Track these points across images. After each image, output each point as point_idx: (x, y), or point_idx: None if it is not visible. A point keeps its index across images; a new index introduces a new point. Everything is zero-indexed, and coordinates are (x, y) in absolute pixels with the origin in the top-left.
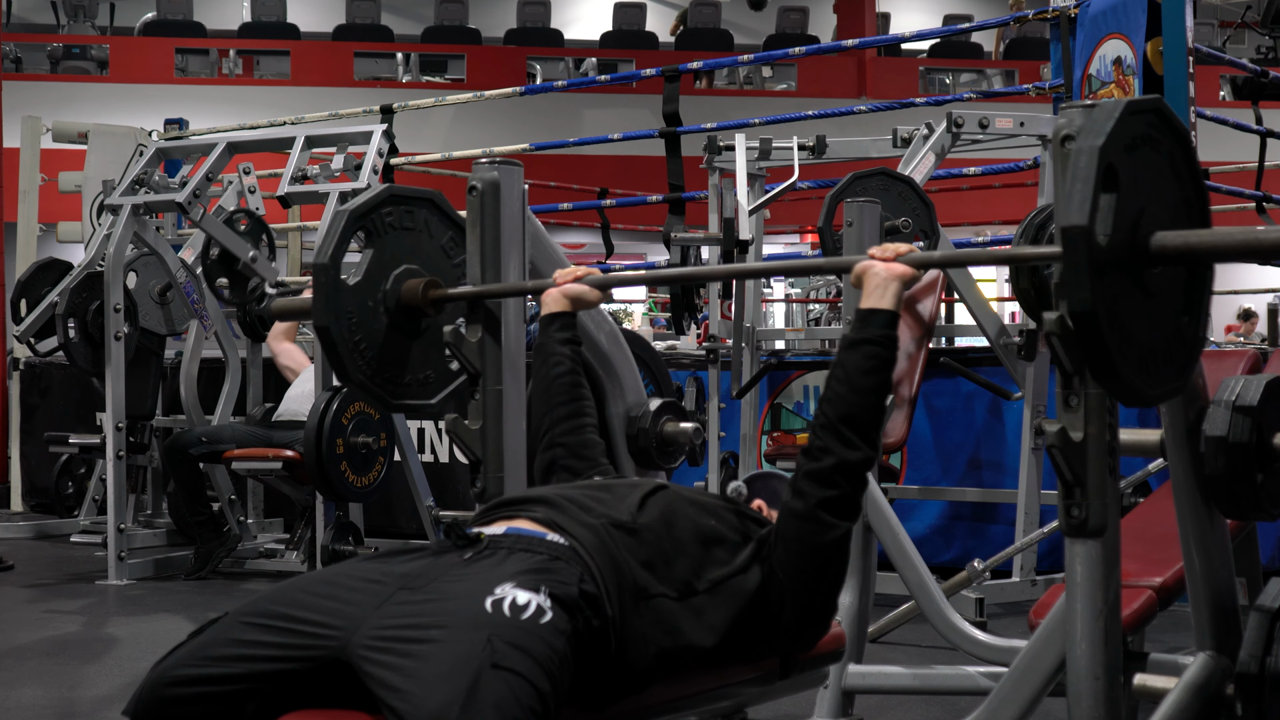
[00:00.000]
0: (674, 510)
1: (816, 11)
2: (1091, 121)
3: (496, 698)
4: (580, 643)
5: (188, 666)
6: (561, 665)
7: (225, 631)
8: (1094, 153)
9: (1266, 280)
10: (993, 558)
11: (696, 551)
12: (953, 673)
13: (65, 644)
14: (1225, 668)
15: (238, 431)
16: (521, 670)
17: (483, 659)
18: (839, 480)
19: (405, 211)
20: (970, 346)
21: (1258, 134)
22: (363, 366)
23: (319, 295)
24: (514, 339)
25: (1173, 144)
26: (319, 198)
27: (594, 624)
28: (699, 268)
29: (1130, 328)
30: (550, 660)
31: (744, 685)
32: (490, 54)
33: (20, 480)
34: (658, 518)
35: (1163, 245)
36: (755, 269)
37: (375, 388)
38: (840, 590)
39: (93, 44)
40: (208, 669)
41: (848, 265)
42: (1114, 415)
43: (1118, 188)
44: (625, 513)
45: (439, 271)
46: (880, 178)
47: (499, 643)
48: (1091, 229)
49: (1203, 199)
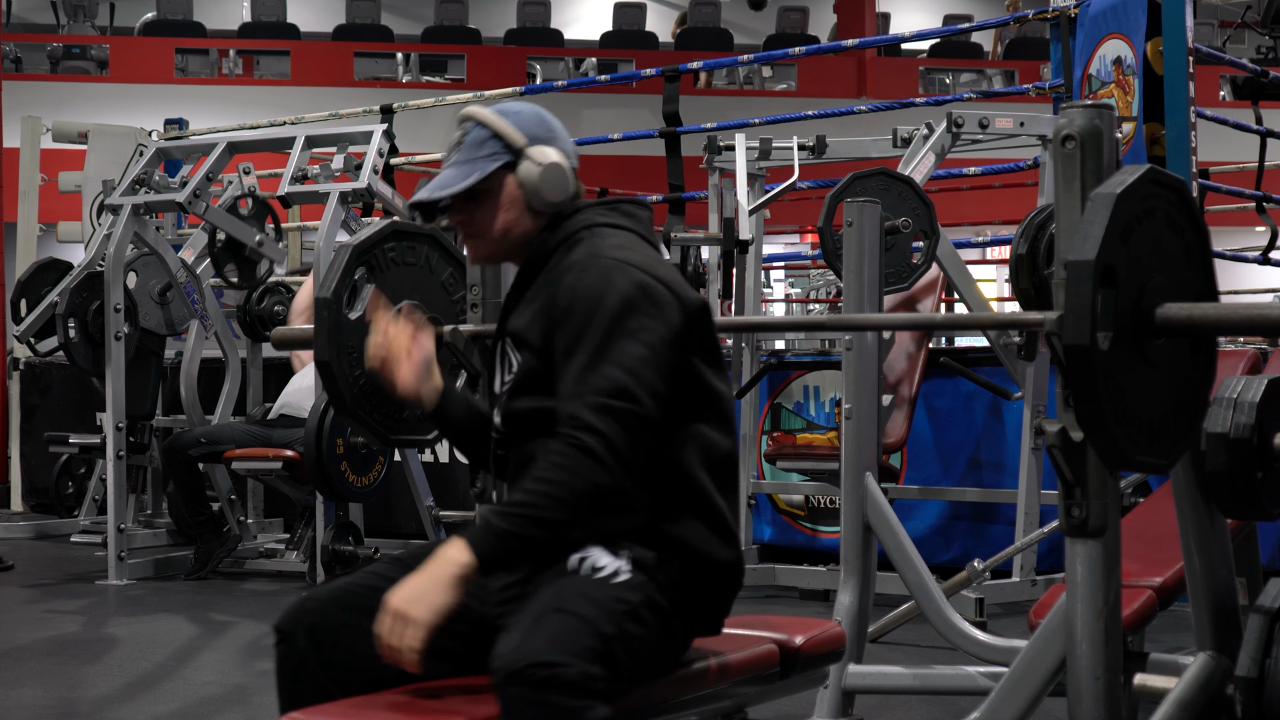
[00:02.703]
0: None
1: (816, 11)
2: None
3: (553, 633)
4: (659, 603)
5: (350, 596)
6: (632, 617)
7: (391, 570)
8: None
9: (1267, 280)
10: (993, 558)
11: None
12: (953, 673)
13: (65, 644)
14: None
15: (237, 431)
16: (583, 613)
17: (549, 605)
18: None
19: (407, 247)
20: (970, 346)
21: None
22: (362, 401)
23: (321, 329)
24: None
25: (1171, 204)
26: (319, 198)
27: (669, 590)
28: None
29: (1132, 403)
30: (617, 610)
31: (744, 685)
32: (490, 54)
33: (20, 480)
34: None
35: (1167, 318)
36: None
37: (374, 422)
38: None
39: (93, 44)
40: (373, 600)
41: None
42: None
43: (1116, 282)
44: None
45: (439, 307)
46: (880, 178)
47: (567, 592)
48: (1093, 344)
49: (1207, 259)
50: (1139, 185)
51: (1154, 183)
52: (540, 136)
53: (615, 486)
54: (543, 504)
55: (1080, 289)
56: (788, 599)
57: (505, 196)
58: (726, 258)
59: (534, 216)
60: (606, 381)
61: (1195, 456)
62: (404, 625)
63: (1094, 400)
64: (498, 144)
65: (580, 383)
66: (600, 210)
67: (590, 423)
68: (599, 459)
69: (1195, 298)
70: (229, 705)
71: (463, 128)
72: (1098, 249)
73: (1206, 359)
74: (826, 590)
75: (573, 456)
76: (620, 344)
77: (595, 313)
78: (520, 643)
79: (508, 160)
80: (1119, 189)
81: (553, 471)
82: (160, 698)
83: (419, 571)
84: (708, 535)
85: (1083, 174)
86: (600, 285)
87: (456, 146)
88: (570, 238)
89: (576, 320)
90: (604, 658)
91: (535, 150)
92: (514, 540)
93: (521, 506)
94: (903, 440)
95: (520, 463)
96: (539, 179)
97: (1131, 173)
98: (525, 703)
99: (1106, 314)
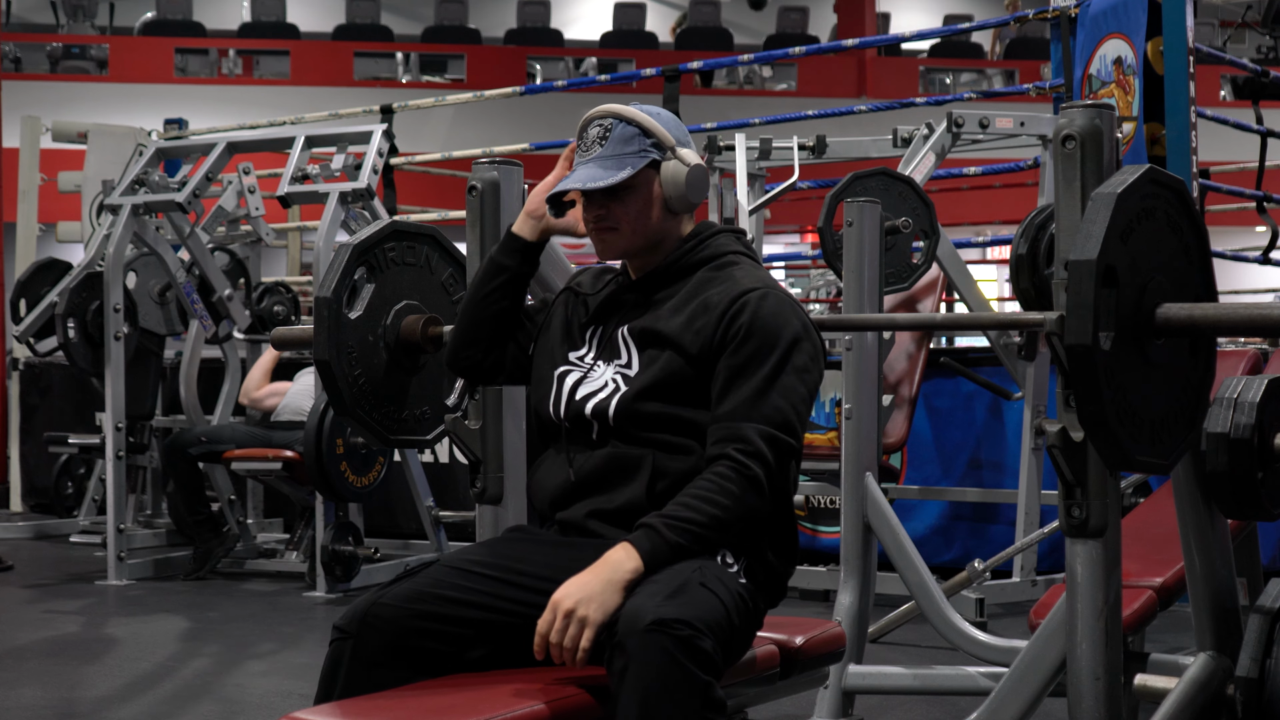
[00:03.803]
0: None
1: (816, 11)
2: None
3: (696, 602)
4: (755, 607)
5: (420, 602)
6: (745, 613)
7: (453, 576)
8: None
9: (1267, 280)
10: (993, 558)
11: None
12: (953, 673)
13: (65, 644)
14: (1226, 668)
15: (237, 431)
16: (721, 596)
17: (692, 578)
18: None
19: (407, 247)
20: (970, 346)
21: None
22: (361, 401)
23: (320, 329)
24: None
25: (1171, 204)
26: (319, 198)
27: (758, 596)
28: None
29: (1134, 403)
30: (741, 603)
31: (744, 685)
32: (490, 54)
33: (20, 480)
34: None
35: (1168, 318)
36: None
37: (373, 422)
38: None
39: (92, 44)
40: (443, 608)
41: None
42: None
43: (1117, 282)
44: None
45: (438, 308)
46: (880, 178)
47: (709, 573)
48: (1095, 344)
49: (1205, 257)
50: (1139, 185)
51: (1154, 183)
52: (682, 140)
53: (767, 513)
54: (710, 524)
55: (1082, 289)
56: (788, 599)
57: (650, 193)
58: None
59: (670, 217)
60: (777, 413)
61: (1195, 456)
62: (575, 625)
63: (1096, 400)
64: (647, 141)
65: (751, 406)
66: (735, 239)
67: (761, 451)
68: (762, 491)
69: (1195, 298)
70: (229, 705)
71: (601, 124)
72: (1099, 249)
73: (1206, 359)
74: (826, 590)
75: (742, 484)
76: (790, 379)
77: (775, 342)
78: (664, 602)
79: (656, 158)
80: (1119, 189)
81: (724, 496)
82: (160, 698)
83: (588, 573)
84: (786, 551)
85: (1083, 174)
86: (779, 316)
87: (600, 141)
88: (719, 258)
89: (755, 343)
90: (728, 642)
91: (683, 151)
92: (681, 551)
93: (692, 524)
94: (903, 440)
95: (620, 463)
96: (686, 180)
97: (1131, 173)
98: (664, 655)
99: (1108, 314)
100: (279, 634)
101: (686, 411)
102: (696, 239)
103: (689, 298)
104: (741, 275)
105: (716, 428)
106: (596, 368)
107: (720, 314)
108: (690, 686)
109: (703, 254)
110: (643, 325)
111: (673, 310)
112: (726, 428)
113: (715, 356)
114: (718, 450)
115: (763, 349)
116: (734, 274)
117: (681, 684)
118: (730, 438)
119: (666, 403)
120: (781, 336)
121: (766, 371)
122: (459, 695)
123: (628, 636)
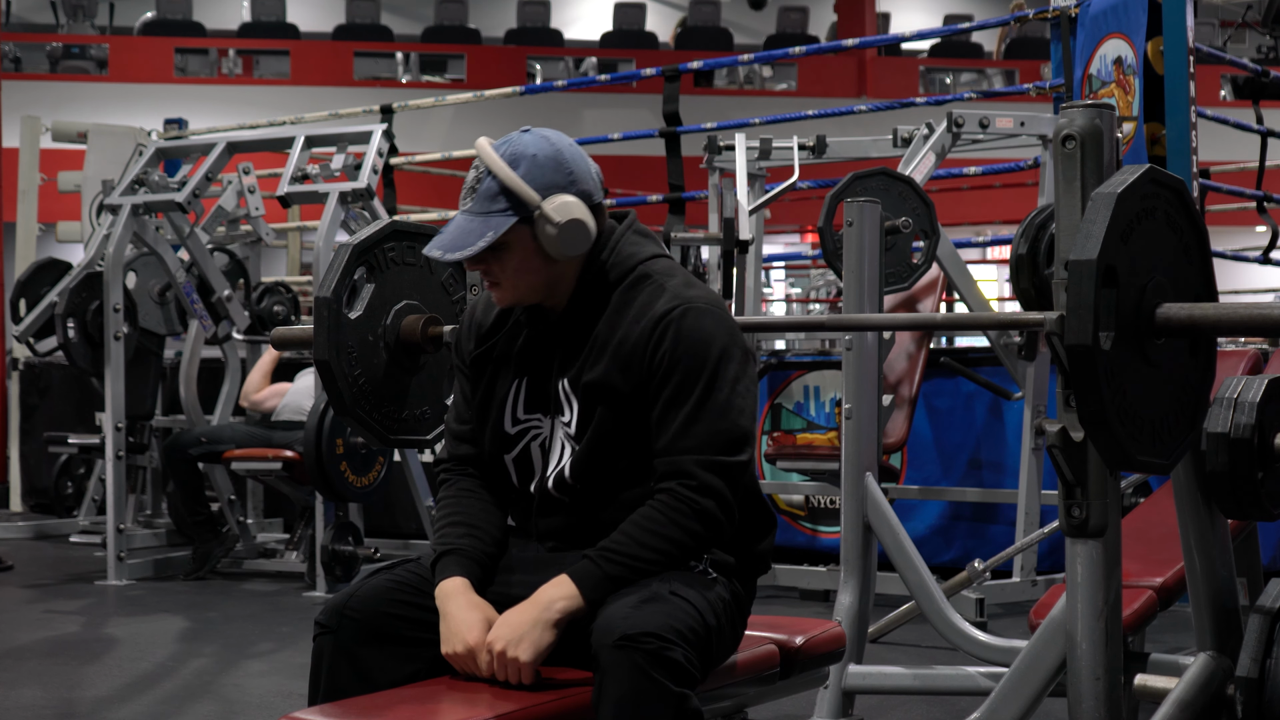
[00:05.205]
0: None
1: (816, 11)
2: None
3: (666, 612)
4: (735, 605)
5: (398, 592)
6: (725, 614)
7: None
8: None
9: (1267, 280)
10: (993, 558)
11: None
12: (953, 673)
13: (65, 644)
14: (1226, 668)
15: (237, 431)
16: (693, 601)
17: (660, 587)
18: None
19: (407, 247)
20: (970, 346)
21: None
22: (361, 401)
23: (320, 328)
24: None
25: (1171, 204)
26: (319, 198)
27: (739, 594)
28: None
29: (1134, 403)
30: (718, 604)
31: (744, 685)
32: (490, 54)
33: (20, 480)
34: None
35: (1168, 318)
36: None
37: (373, 422)
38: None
39: (92, 44)
40: (420, 599)
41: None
42: None
43: (1117, 282)
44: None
45: (438, 308)
46: (880, 178)
47: (676, 580)
48: (1095, 344)
49: (1205, 256)
50: (1139, 185)
51: (1154, 183)
52: (556, 184)
53: (724, 535)
54: (654, 558)
55: (1082, 289)
56: (788, 599)
57: (527, 249)
58: (726, 258)
59: (557, 264)
60: (716, 436)
61: (1196, 456)
62: (511, 666)
63: (1096, 400)
64: (509, 201)
65: (687, 436)
66: (632, 238)
67: (708, 483)
68: (715, 524)
69: (1195, 298)
70: (228, 705)
71: (477, 170)
72: (1099, 249)
73: (1206, 359)
74: (826, 590)
75: (689, 518)
76: (723, 394)
77: (702, 364)
78: (632, 613)
79: (522, 216)
80: (1119, 189)
81: (669, 529)
82: (160, 698)
83: (520, 610)
84: (757, 526)
85: (1083, 174)
86: (699, 331)
87: (471, 192)
88: (625, 278)
89: (682, 369)
90: (704, 647)
91: (551, 206)
92: (620, 583)
93: (633, 559)
94: (903, 440)
95: (587, 520)
96: (557, 238)
97: (1131, 173)
98: (634, 670)
99: (1108, 314)
100: (278, 634)
101: (642, 449)
102: (599, 265)
103: (610, 330)
104: (653, 292)
105: (660, 462)
106: (543, 426)
107: (643, 346)
108: (663, 700)
109: (611, 277)
110: (576, 375)
111: (598, 353)
112: (669, 463)
113: (647, 387)
114: (665, 486)
115: (690, 373)
116: (647, 292)
117: (654, 698)
118: (674, 473)
119: (619, 453)
120: (708, 356)
121: (698, 395)
122: (456, 695)
123: (600, 650)
